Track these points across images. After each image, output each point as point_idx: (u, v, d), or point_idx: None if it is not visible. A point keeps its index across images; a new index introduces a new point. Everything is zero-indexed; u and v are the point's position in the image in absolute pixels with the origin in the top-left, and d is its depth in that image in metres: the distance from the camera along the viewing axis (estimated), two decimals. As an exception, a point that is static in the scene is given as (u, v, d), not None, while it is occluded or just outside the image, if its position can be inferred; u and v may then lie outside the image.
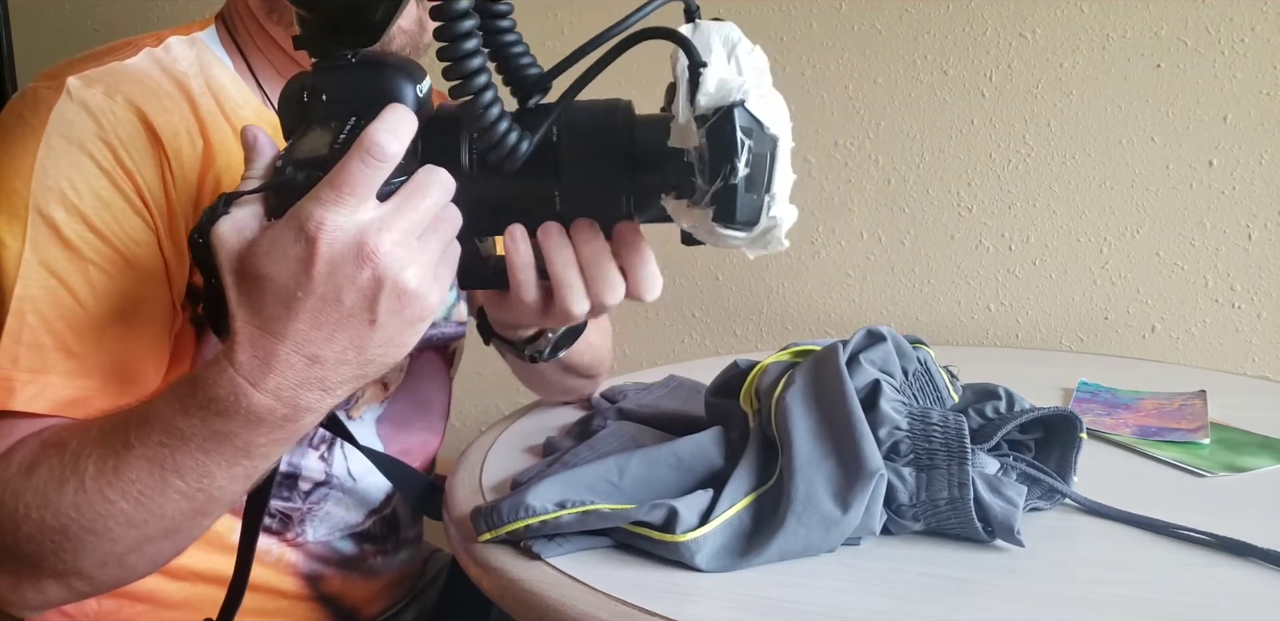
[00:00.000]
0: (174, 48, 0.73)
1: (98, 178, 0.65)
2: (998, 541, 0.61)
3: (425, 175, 0.52)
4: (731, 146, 0.50)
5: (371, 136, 0.49)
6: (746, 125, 0.50)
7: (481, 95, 0.52)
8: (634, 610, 0.55)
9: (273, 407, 0.52)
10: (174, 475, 0.55)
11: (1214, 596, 0.56)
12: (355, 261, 0.49)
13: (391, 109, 0.52)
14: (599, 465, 0.65)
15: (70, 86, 0.66)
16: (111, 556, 0.58)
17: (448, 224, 0.53)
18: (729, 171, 0.50)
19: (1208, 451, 0.79)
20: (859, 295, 1.33)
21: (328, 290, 0.50)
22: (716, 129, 0.50)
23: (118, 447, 0.55)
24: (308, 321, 0.50)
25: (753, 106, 0.50)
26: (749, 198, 0.51)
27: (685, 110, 0.51)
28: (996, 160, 1.24)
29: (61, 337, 0.62)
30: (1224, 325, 1.20)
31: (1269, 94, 1.14)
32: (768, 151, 0.51)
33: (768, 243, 0.53)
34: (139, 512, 0.56)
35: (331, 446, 0.81)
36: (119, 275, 0.65)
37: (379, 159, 0.49)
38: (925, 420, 0.63)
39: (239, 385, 0.51)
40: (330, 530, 0.82)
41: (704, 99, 0.51)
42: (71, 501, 0.56)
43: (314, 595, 0.82)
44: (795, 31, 1.28)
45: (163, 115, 0.68)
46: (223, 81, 0.74)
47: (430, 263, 0.52)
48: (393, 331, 0.52)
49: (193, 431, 0.53)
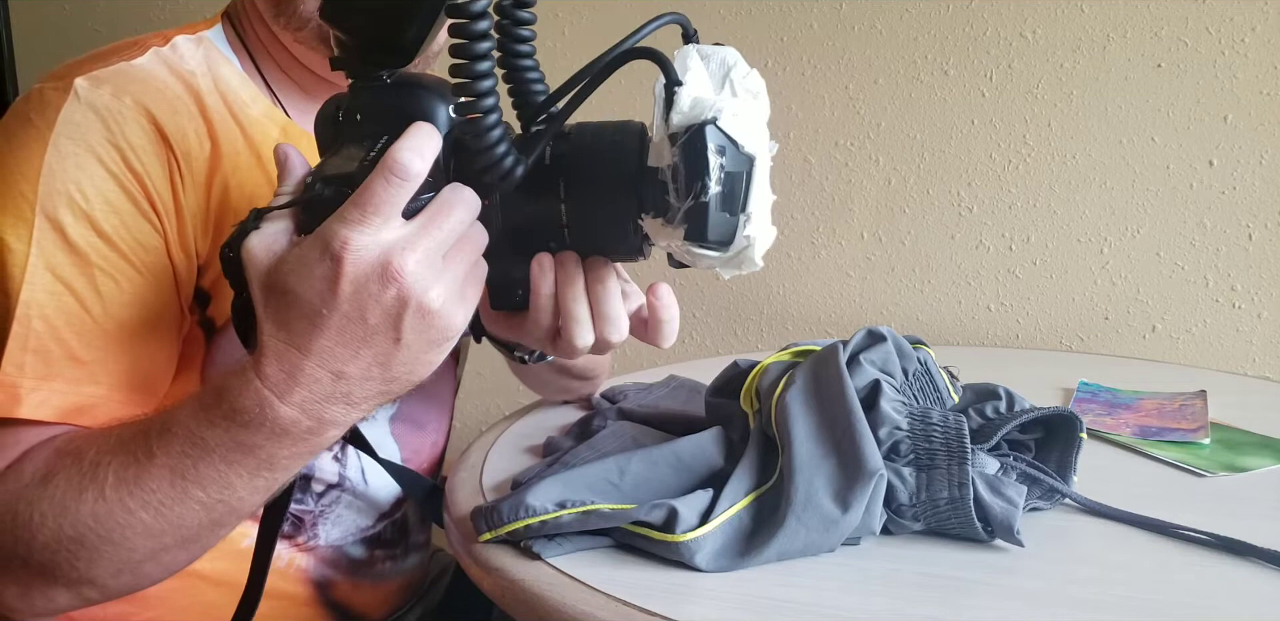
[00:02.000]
0: (181, 47, 0.73)
1: (105, 181, 0.64)
2: (998, 541, 0.61)
3: (451, 193, 0.52)
4: (703, 164, 0.50)
5: (394, 155, 0.49)
6: (719, 143, 0.50)
7: (487, 117, 0.51)
8: (634, 610, 0.55)
9: (298, 420, 0.52)
10: (195, 486, 0.54)
11: (1214, 596, 0.56)
12: (380, 281, 0.49)
13: (416, 128, 0.52)
14: (599, 465, 0.65)
15: (78, 88, 0.65)
16: (127, 565, 0.57)
17: (473, 243, 0.53)
18: (700, 189, 0.50)
19: (1208, 451, 0.79)
20: (859, 295, 1.33)
21: (352, 308, 0.50)
22: (688, 146, 0.50)
23: (139, 456, 0.55)
24: (333, 338, 0.51)
25: (726, 125, 0.50)
26: (722, 216, 0.50)
27: (660, 128, 0.51)
28: (996, 160, 1.24)
29: (68, 344, 0.62)
30: (1224, 325, 1.20)
31: (1269, 94, 1.14)
32: (743, 170, 0.50)
33: (741, 263, 0.52)
34: (158, 523, 0.56)
35: (345, 447, 0.80)
36: (126, 280, 0.65)
37: (402, 178, 0.49)
38: (925, 420, 0.63)
39: (265, 397, 0.52)
40: (343, 534, 0.82)
41: (677, 117, 0.50)
42: (90, 510, 0.55)
43: (322, 601, 0.82)
44: (795, 31, 1.28)
45: (171, 117, 0.68)
46: (230, 81, 0.74)
47: (455, 282, 0.52)
48: (417, 350, 0.52)
49: (216, 442, 0.53)
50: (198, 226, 0.69)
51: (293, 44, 0.74)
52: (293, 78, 0.77)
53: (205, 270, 0.70)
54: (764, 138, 0.52)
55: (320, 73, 0.76)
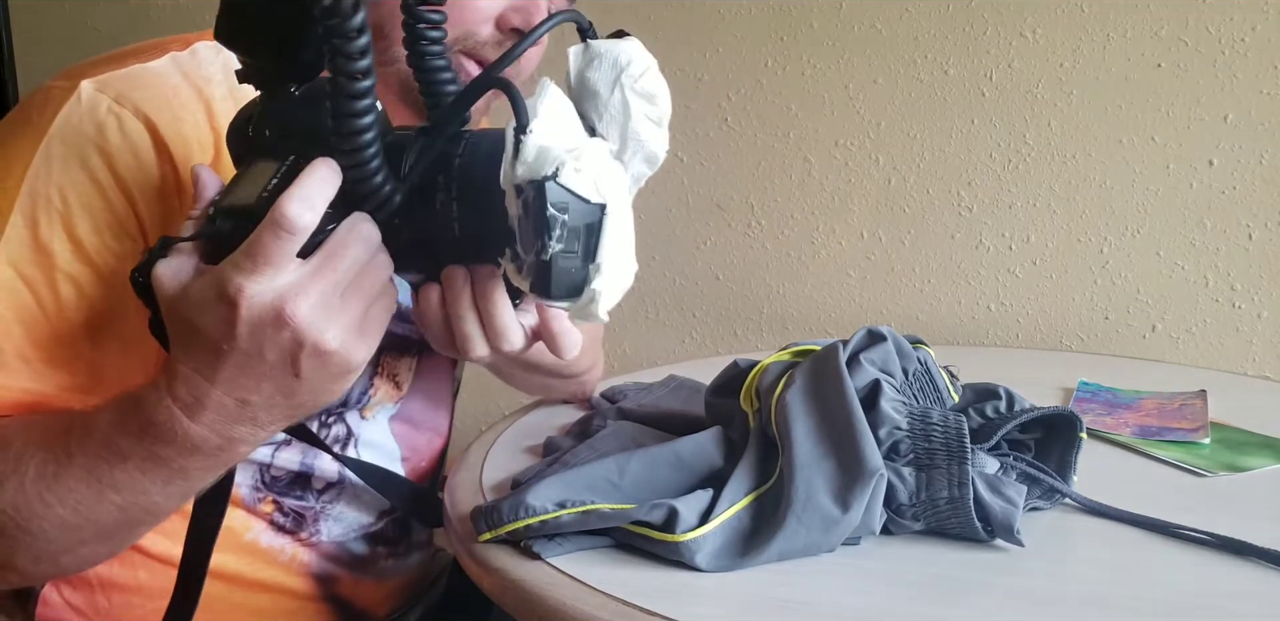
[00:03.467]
0: (201, 52, 0.72)
1: (88, 187, 0.64)
2: (998, 541, 0.61)
3: (345, 232, 0.52)
4: (542, 222, 0.47)
5: (282, 209, 0.49)
6: (559, 201, 0.47)
7: (363, 152, 0.50)
8: (634, 610, 0.55)
9: (207, 438, 0.54)
10: (110, 489, 0.56)
11: (1214, 596, 0.56)
12: (274, 324, 0.50)
13: (311, 170, 0.50)
14: (599, 465, 0.65)
15: (82, 90, 0.65)
16: (45, 555, 0.59)
17: (374, 276, 0.53)
18: (540, 248, 0.48)
19: (1208, 451, 0.79)
20: (859, 295, 1.33)
21: (250, 347, 0.51)
22: (529, 204, 0.48)
23: (59, 455, 0.57)
24: (234, 371, 0.52)
25: (568, 180, 0.47)
26: (565, 271, 0.49)
27: (506, 175, 0.49)
28: (996, 160, 1.24)
29: (17, 342, 0.63)
30: (1224, 325, 1.20)
31: (1269, 94, 1.14)
32: (592, 221, 0.48)
33: (588, 315, 0.51)
34: (74, 518, 0.57)
35: (345, 446, 0.80)
36: (89, 287, 0.65)
37: (289, 232, 0.49)
38: (925, 420, 0.63)
39: (176, 415, 0.53)
40: (345, 530, 0.82)
41: (520, 168, 0.48)
42: (10, 500, 0.57)
43: (325, 596, 0.82)
44: (795, 31, 1.28)
45: (174, 124, 0.67)
46: (249, 89, 0.73)
47: (353, 320, 0.52)
48: (318, 382, 0.53)
49: (130, 451, 0.55)
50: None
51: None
52: None
53: None
54: (620, 179, 0.50)
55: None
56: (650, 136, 0.55)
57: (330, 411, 0.79)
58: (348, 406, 0.80)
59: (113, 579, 0.75)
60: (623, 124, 0.54)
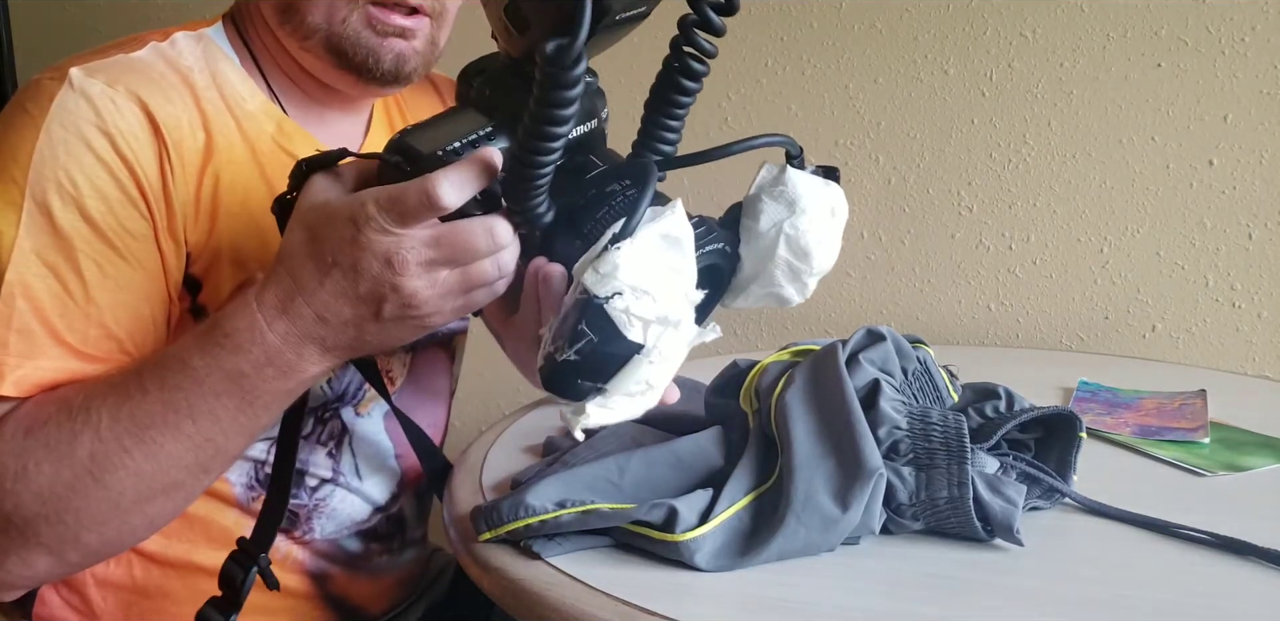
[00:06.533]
0: (180, 43, 0.73)
1: (94, 167, 0.65)
2: (997, 541, 0.61)
3: (479, 224, 0.54)
4: (567, 331, 0.48)
5: (436, 183, 0.52)
6: (599, 323, 0.48)
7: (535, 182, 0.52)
8: (634, 610, 0.55)
9: (280, 350, 0.58)
10: (186, 418, 0.60)
11: (1214, 596, 0.56)
12: (382, 262, 0.54)
13: (473, 159, 0.53)
14: (599, 465, 0.65)
15: (72, 77, 0.66)
16: (115, 514, 0.61)
17: (484, 269, 0.56)
18: (558, 348, 0.48)
19: (1208, 451, 0.79)
20: (859, 295, 1.33)
21: (350, 271, 0.55)
22: (573, 307, 0.48)
23: (132, 392, 0.60)
24: (328, 287, 0.56)
25: (615, 311, 0.47)
26: (569, 379, 0.50)
27: (577, 267, 0.49)
28: (996, 160, 1.24)
29: (51, 325, 0.64)
30: (1224, 325, 1.20)
31: (1269, 93, 1.14)
32: (621, 354, 0.48)
33: (567, 423, 0.51)
34: (149, 465, 0.60)
35: (340, 444, 0.81)
36: (109, 266, 0.66)
37: (431, 206, 0.53)
38: (925, 419, 0.63)
39: (256, 321, 0.58)
40: (338, 527, 0.82)
41: (589, 275, 0.48)
42: (88, 451, 0.60)
43: (320, 594, 0.82)
44: (795, 31, 1.28)
45: (165, 106, 0.69)
46: (228, 76, 0.74)
47: (447, 291, 0.56)
48: (390, 327, 0.58)
49: (206, 371, 0.59)
50: (188, 215, 0.70)
51: (299, 51, 0.74)
52: (295, 81, 0.78)
53: (195, 258, 0.71)
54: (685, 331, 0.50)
55: (325, 80, 0.76)
56: (784, 284, 0.58)
57: (326, 406, 0.79)
58: (343, 401, 0.80)
59: (109, 578, 0.75)
60: (761, 260, 0.56)
